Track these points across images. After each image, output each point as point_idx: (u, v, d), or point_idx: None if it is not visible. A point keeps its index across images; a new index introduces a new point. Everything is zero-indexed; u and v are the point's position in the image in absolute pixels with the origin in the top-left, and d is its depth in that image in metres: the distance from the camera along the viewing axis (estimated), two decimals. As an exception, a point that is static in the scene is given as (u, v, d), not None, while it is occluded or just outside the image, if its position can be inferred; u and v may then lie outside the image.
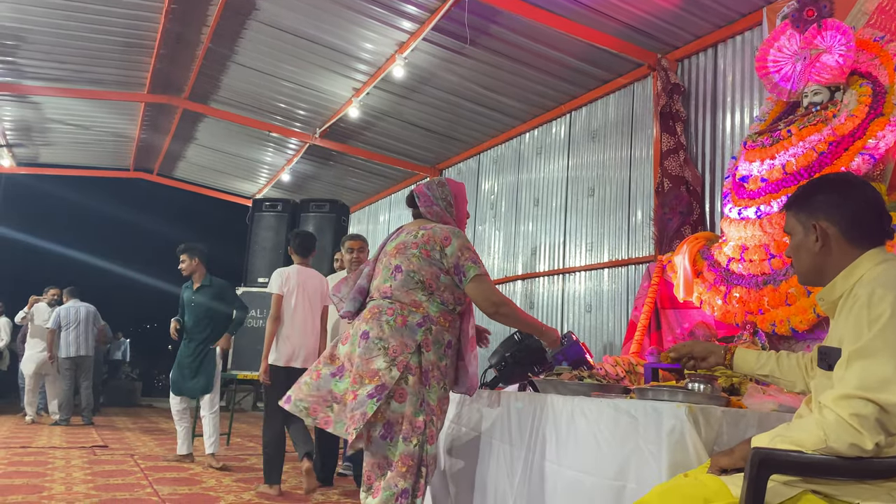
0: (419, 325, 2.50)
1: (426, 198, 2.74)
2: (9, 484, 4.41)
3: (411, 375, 2.42)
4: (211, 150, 10.95)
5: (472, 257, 2.59)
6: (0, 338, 10.00)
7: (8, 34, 7.16)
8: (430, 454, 2.44)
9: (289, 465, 5.88)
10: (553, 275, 7.00)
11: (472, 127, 8.15)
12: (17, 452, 5.91)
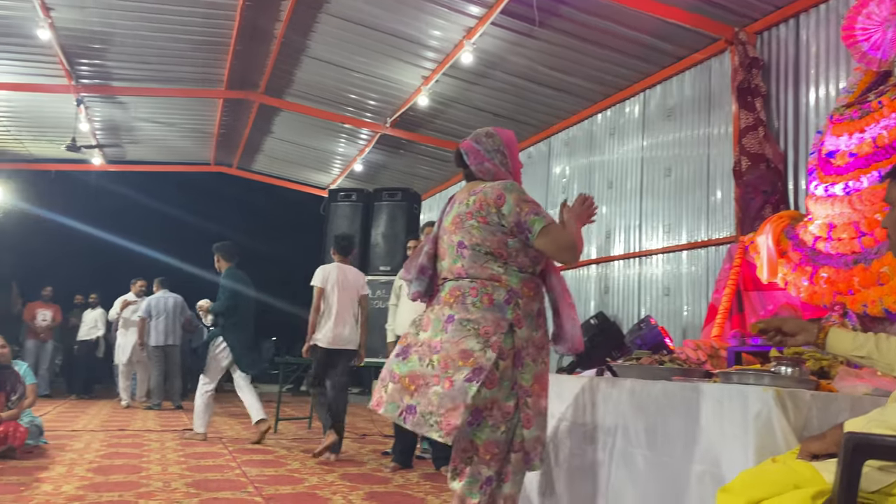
0: (507, 301, 2.29)
1: (475, 153, 2.48)
2: (110, 464, 4.69)
3: (502, 360, 2.24)
4: (287, 143, 11.23)
5: (533, 209, 2.32)
6: (97, 328, 10.59)
7: (96, 38, 7.52)
8: (528, 438, 2.29)
9: (370, 446, 6.03)
10: (629, 258, 6.89)
11: (542, 110, 8.07)
12: (116, 435, 6.27)
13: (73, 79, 8.33)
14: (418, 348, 2.35)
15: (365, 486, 4.24)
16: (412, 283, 2.53)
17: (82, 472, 4.33)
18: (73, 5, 6.76)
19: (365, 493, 4.04)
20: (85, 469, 4.45)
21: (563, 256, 2.38)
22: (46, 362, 10.51)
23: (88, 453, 5.11)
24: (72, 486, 3.89)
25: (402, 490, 4.22)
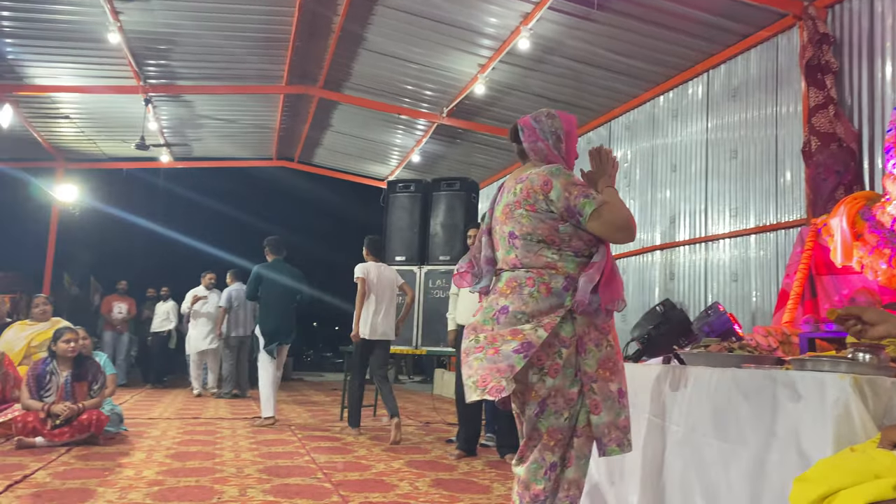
0: (565, 288, 2.24)
1: (531, 131, 2.42)
2: (186, 451, 4.88)
3: (565, 348, 2.21)
4: (345, 136, 11.38)
5: (583, 191, 2.25)
6: (169, 320, 11.00)
7: (162, 39, 7.77)
8: (597, 424, 2.25)
9: (433, 435, 6.10)
10: (694, 243, 6.73)
11: (602, 94, 7.94)
12: (190, 422, 6.51)
13: (141, 79, 8.62)
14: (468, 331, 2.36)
15: (431, 474, 4.30)
16: (480, 280, 2.47)
17: (160, 458, 4.52)
18: (140, 8, 6.99)
19: (431, 480, 4.09)
20: (163, 455, 4.65)
21: (619, 237, 2.29)
22: (123, 353, 10.98)
23: (165, 440, 5.32)
24: (152, 472, 4.06)
25: (467, 477, 4.26)
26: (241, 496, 3.50)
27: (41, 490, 3.52)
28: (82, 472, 4.00)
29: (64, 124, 10.41)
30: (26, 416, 4.89)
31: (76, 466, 4.20)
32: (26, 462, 4.24)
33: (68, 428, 4.93)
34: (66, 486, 3.64)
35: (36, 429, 4.86)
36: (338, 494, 3.62)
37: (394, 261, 7.86)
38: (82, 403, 5.06)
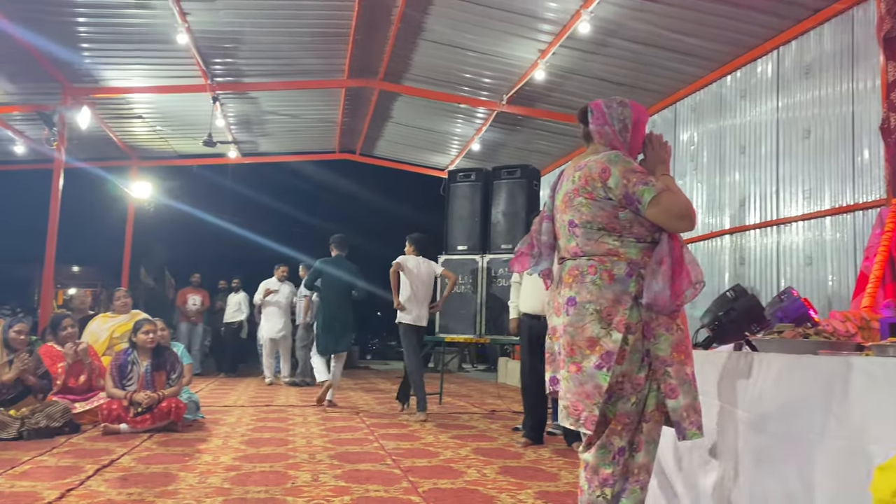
0: (628, 274, 2.24)
1: (600, 114, 2.41)
2: (260, 437, 5.04)
3: (631, 335, 2.20)
4: (406, 127, 11.46)
5: (641, 179, 2.24)
6: (241, 311, 11.34)
7: (227, 38, 7.98)
8: (676, 408, 2.23)
9: (499, 423, 6.12)
10: (765, 227, 6.52)
11: (666, 75, 7.75)
12: (263, 410, 6.71)
13: (208, 78, 8.88)
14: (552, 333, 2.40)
15: (498, 461, 4.32)
16: (540, 261, 2.49)
17: (236, 445, 4.68)
18: (206, 8, 7.20)
19: (499, 468, 4.11)
20: (238, 441, 4.82)
21: (678, 225, 2.27)
22: (197, 343, 11.38)
23: (240, 427, 5.51)
24: (228, 457, 4.22)
25: (534, 465, 4.26)
26: (314, 481, 3.61)
27: (128, 474, 3.70)
28: (164, 458, 4.19)
29: (137, 124, 10.83)
30: (111, 404, 5.15)
31: (158, 452, 4.39)
32: (112, 447, 4.47)
33: (149, 415, 5.16)
34: (149, 470, 3.82)
35: (120, 416, 5.11)
36: (407, 480, 3.68)
37: (455, 250, 7.89)
38: (162, 392, 5.29)
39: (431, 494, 3.39)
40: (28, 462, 3.94)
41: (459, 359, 14.38)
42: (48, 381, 5.24)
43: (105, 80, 8.89)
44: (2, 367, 4.94)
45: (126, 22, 7.41)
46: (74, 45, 7.85)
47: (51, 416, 4.88)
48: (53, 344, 5.63)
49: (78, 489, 3.31)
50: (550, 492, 3.54)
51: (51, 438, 4.73)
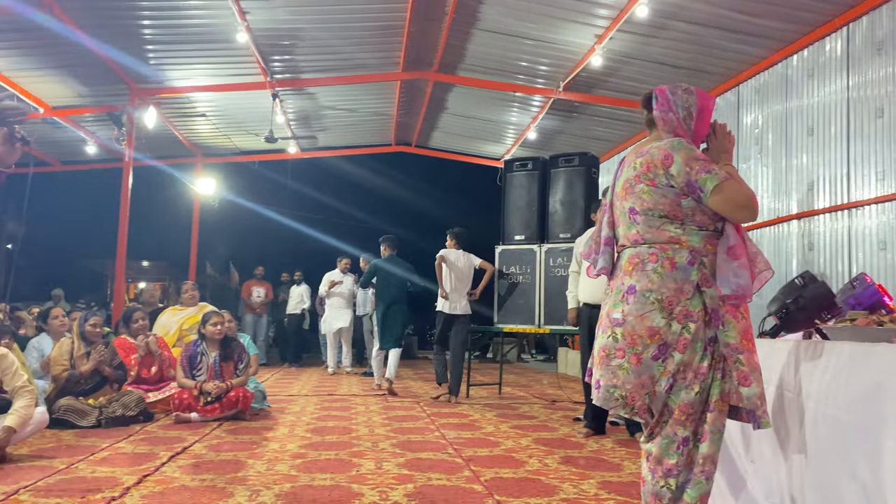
0: (690, 262, 2.21)
1: (664, 101, 2.37)
2: (324, 426, 5.15)
3: (692, 323, 2.19)
4: (461, 118, 11.46)
5: (704, 167, 2.20)
6: (303, 302, 11.58)
7: (286, 35, 8.12)
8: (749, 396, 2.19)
9: (559, 413, 6.10)
10: (835, 211, 6.28)
11: (729, 57, 7.53)
12: (326, 399, 6.85)
13: (268, 75, 9.06)
14: (602, 321, 2.37)
15: (559, 451, 4.31)
16: (598, 259, 2.48)
17: (301, 433, 4.80)
18: (264, 7, 7.34)
19: (560, 458, 4.10)
20: (303, 430, 4.94)
21: (740, 215, 2.23)
22: (262, 334, 11.68)
23: (305, 416, 5.64)
24: (294, 445, 4.33)
25: (596, 455, 4.24)
26: (378, 469, 3.67)
27: (199, 461, 3.84)
28: (233, 445, 4.33)
29: (201, 122, 11.14)
30: (182, 394, 5.34)
31: (227, 440, 4.54)
32: (184, 435, 4.64)
33: (218, 404, 5.34)
34: (220, 457, 3.96)
35: (190, 405, 5.30)
36: (469, 469, 3.71)
37: (512, 240, 7.85)
38: (230, 382, 5.46)
39: (493, 483, 3.41)
40: (107, 449, 4.13)
41: (518, 349, 14.35)
42: (123, 371, 5.47)
43: (169, 80, 9.17)
44: (80, 359, 5.18)
45: (188, 23, 7.62)
46: (140, 47, 8.12)
47: (126, 405, 5.09)
48: (126, 336, 5.87)
49: (154, 475, 3.45)
50: (613, 482, 3.51)
51: (126, 426, 4.94)
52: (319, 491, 3.20)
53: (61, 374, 5.08)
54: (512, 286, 7.56)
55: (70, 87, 9.13)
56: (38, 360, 5.58)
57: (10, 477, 3.36)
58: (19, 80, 8.72)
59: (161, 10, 7.33)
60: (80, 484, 3.25)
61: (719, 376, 2.23)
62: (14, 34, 7.47)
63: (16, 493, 3.04)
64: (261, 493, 3.13)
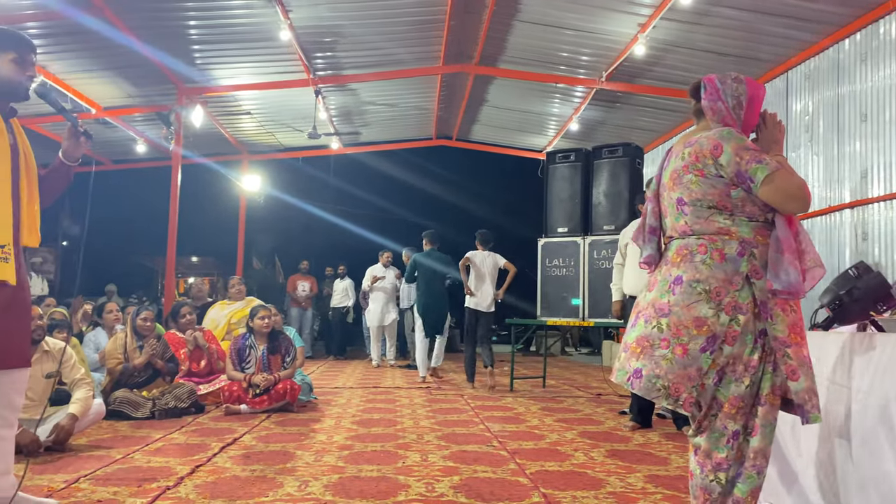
0: (740, 253, 2.17)
1: (713, 90, 2.33)
2: (370, 418, 5.21)
3: (741, 315, 2.15)
4: (502, 110, 11.42)
5: (755, 157, 2.15)
6: (347, 296, 11.71)
7: (328, 31, 8.20)
8: (798, 390, 2.14)
9: (605, 406, 6.05)
10: (891, 199, 6.08)
11: (777, 43, 7.34)
12: (371, 391, 6.93)
13: (310, 72, 9.17)
14: (644, 311, 2.32)
15: (605, 444, 4.28)
16: (645, 248, 2.46)
17: (348, 425, 4.87)
18: (307, 4, 7.43)
19: (606, 451, 4.08)
20: (349, 422, 5.00)
21: (790, 206, 2.17)
22: (307, 328, 11.84)
23: (350, 408, 5.72)
24: (341, 437, 4.39)
25: (643, 448, 4.20)
26: (424, 461, 3.70)
27: (249, 451, 3.93)
28: (281, 437, 4.42)
29: (246, 120, 11.34)
30: (231, 386, 5.46)
31: (275, 431, 4.63)
32: (234, 427, 4.75)
33: (267, 396, 5.44)
34: (269, 448, 4.04)
35: (240, 397, 5.41)
36: (514, 462, 3.72)
37: (555, 232, 7.81)
38: (278, 374, 5.56)
39: (539, 476, 3.41)
40: (161, 440, 4.25)
41: (562, 342, 14.27)
42: (175, 364, 5.62)
43: (215, 79, 9.35)
44: (133, 352, 5.34)
45: (232, 22, 7.75)
46: (186, 48, 8.30)
47: (178, 397, 5.23)
48: (175, 331, 6.02)
49: (206, 465, 3.55)
50: (660, 476, 3.48)
51: (178, 418, 5.07)
52: (366, 482, 3.24)
53: (116, 367, 5.24)
54: (555, 279, 7.53)
55: (120, 88, 9.38)
56: (95, 353, 5.76)
57: (71, 466, 3.49)
58: (73, 83, 9.00)
59: (206, 11, 7.47)
60: (137, 473, 3.35)
61: (770, 369, 2.18)
62: (67, 38, 7.71)
63: (76, 482, 3.16)
64: (309, 484, 3.19)
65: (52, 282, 13.88)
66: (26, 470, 2.81)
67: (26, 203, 2.63)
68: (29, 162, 2.67)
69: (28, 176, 2.65)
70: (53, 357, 4.05)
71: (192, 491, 3.04)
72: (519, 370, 8.92)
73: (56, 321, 4.93)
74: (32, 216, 2.66)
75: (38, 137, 9.98)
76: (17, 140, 2.63)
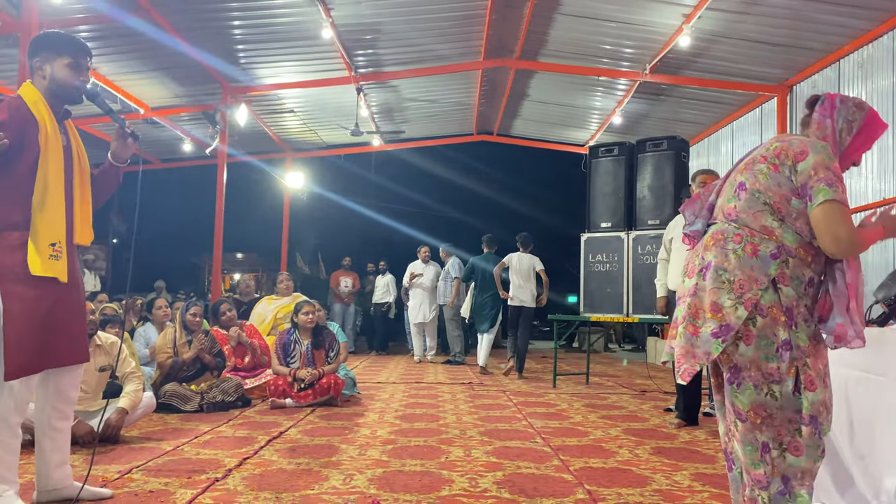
0: (773, 256, 2.09)
1: (829, 106, 2.22)
2: (412, 413, 5.24)
3: (760, 316, 2.06)
4: (543, 104, 11.34)
5: (829, 178, 2.04)
6: (388, 292, 11.79)
7: (369, 29, 8.25)
8: (813, 401, 2.05)
9: (650, 403, 5.97)
10: (949, 191, 5.87)
11: (828, 31, 7.13)
12: (414, 387, 6.96)
13: (352, 70, 9.24)
14: (682, 297, 2.27)
15: (650, 442, 4.23)
16: (695, 221, 2.39)
17: (391, 420, 4.90)
18: (348, 2, 7.48)
19: (651, 448, 4.02)
20: (392, 416, 5.03)
21: (826, 241, 2.05)
22: (350, 323, 11.96)
23: (393, 402, 5.75)
24: (385, 431, 4.42)
25: (689, 446, 4.13)
26: (467, 456, 3.70)
27: (295, 445, 3.99)
28: (326, 431, 4.47)
29: (289, 118, 11.49)
30: (277, 380, 5.55)
31: (320, 425, 4.68)
32: (280, 420, 4.82)
33: (311, 391, 5.51)
34: (314, 442, 4.09)
35: (285, 391, 5.49)
36: (558, 458, 3.69)
37: (598, 227, 7.74)
38: (322, 369, 5.63)
39: (583, 473, 3.38)
40: (209, 432, 4.34)
41: (605, 338, 14.12)
42: (222, 359, 5.73)
43: (259, 78, 9.49)
44: (182, 347, 5.46)
45: (275, 22, 7.86)
46: (231, 48, 8.44)
47: (225, 391, 5.34)
48: (218, 329, 6.13)
49: (253, 458, 3.61)
50: (707, 474, 3.42)
51: (226, 411, 5.17)
52: (410, 476, 3.26)
53: (165, 361, 5.36)
54: (598, 275, 7.45)
55: (167, 89, 9.59)
56: (145, 347, 5.91)
57: (124, 457, 3.59)
58: (122, 84, 9.23)
59: (250, 11, 7.58)
60: (186, 465, 3.43)
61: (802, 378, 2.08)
62: (117, 40, 7.91)
63: (129, 472, 3.24)
64: (354, 478, 3.22)
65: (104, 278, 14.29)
66: (92, 462, 2.89)
67: (79, 202, 2.71)
68: (82, 162, 2.75)
69: (81, 176, 2.73)
70: (105, 351, 4.16)
71: (239, 483, 3.10)
72: (562, 366, 8.87)
73: (108, 316, 5.07)
74: (85, 215, 2.74)
75: (88, 137, 10.26)
76: (70, 141, 2.71)
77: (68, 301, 2.64)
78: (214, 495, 2.89)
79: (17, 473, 2.57)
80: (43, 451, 2.72)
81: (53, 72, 2.64)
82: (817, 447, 2.09)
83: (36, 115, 2.56)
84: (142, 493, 2.90)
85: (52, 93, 2.65)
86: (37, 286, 2.51)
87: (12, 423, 2.51)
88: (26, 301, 2.48)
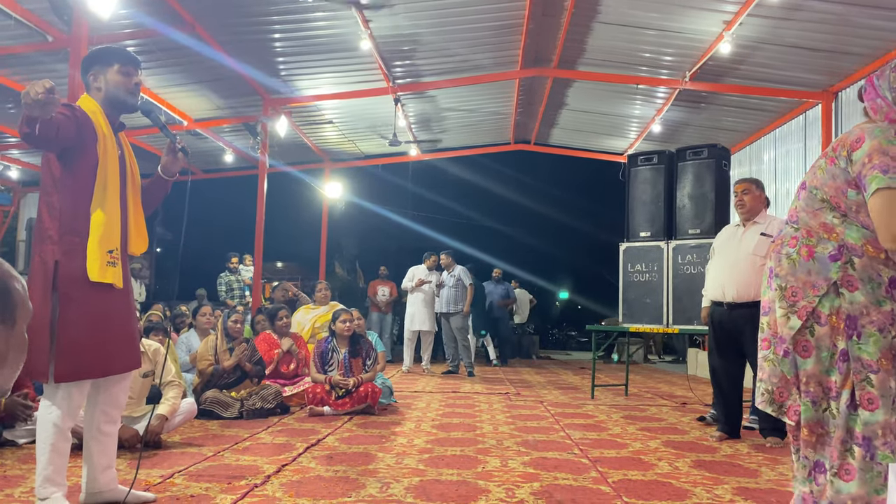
0: (833, 257, 1.93)
1: (871, 88, 2.11)
2: (449, 422, 5.23)
3: (818, 325, 1.91)
4: (581, 113, 11.29)
5: (884, 163, 1.86)
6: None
7: (406, 40, 8.32)
8: (870, 422, 1.86)
9: (690, 416, 5.87)
10: None
11: (874, 35, 6.97)
12: (450, 396, 6.96)
13: (390, 81, 9.32)
14: None
15: (691, 454, 4.15)
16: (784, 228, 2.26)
17: (428, 429, 4.90)
18: (386, 14, 7.56)
19: (692, 461, 3.95)
20: (429, 426, 5.04)
21: (887, 240, 1.86)
22: (387, 332, 12.01)
23: (430, 412, 5.76)
24: (421, 440, 4.43)
25: (730, 460, 4.05)
26: (503, 467, 3.69)
27: (333, 452, 4.02)
28: (363, 439, 4.49)
29: (328, 128, 11.64)
30: (315, 388, 5.60)
31: (357, 433, 4.71)
32: (318, 428, 4.86)
33: (349, 399, 5.55)
34: (351, 450, 4.11)
35: (323, 399, 5.54)
36: (596, 470, 3.65)
37: (637, 237, 7.64)
38: (359, 377, 5.67)
39: (622, 485, 3.34)
40: (248, 439, 4.40)
41: (644, 350, 13.94)
42: (262, 367, 5.81)
43: (299, 90, 9.64)
44: (223, 354, 5.55)
45: (315, 34, 7.98)
46: (271, 60, 8.60)
47: (265, 398, 5.41)
48: (271, 332, 6.23)
49: (291, 465, 3.65)
50: (750, 488, 3.34)
51: (265, 418, 5.24)
52: (447, 486, 3.26)
53: (207, 368, 5.46)
54: (637, 284, 7.36)
55: (210, 101, 9.80)
56: (187, 354, 6.03)
57: (166, 462, 3.66)
58: (166, 96, 9.46)
59: (290, 24, 7.72)
60: (226, 471, 3.48)
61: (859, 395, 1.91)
62: (161, 54, 8.11)
63: (171, 477, 3.31)
64: (391, 486, 3.23)
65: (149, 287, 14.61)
66: (138, 466, 2.96)
67: (132, 212, 2.79)
68: (134, 173, 2.84)
69: (134, 187, 2.82)
70: (149, 358, 4.25)
71: (278, 489, 3.13)
72: (600, 378, 8.76)
73: (153, 324, 5.19)
74: (139, 225, 2.83)
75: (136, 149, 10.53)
76: (124, 152, 2.80)
77: (122, 307, 2.72)
78: (253, 501, 2.93)
79: (65, 476, 2.65)
80: (90, 455, 2.79)
81: (107, 81, 2.73)
82: (874, 474, 1.88)
83: (95, 124, 2.65)
84: (183, 498, 2.95)
85: (108, 102, 2.74)
86: (95, 292, 2.58)
87: (64, 428, 2.58)
88: (84, 305, 2.55)
